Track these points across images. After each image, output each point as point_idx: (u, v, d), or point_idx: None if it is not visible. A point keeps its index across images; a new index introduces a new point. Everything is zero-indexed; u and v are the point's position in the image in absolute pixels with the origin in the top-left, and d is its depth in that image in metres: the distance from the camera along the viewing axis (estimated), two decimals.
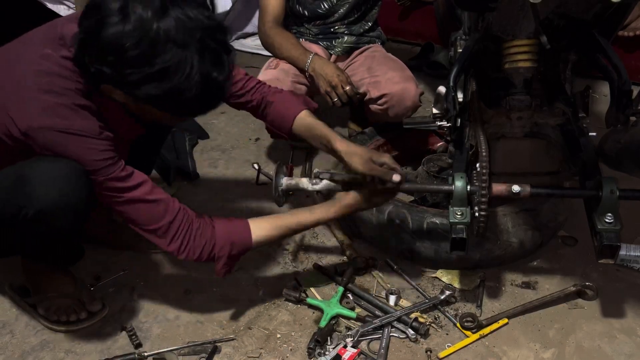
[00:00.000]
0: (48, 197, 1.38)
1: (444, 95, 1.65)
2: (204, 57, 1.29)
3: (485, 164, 1.56)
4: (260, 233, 1.56)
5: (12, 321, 1.71)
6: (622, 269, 1.86)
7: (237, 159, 2.49)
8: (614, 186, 1.52)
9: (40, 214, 1.39)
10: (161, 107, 1.37)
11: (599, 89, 2.80)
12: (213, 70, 1.31)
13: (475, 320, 1.66)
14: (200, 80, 1.30)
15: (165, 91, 1.30)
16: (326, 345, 1.60)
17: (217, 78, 1.33)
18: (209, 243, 1.51)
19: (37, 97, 1.34)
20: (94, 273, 1.85)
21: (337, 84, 2.13)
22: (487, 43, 1.68)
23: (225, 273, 1.57)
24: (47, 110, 1.34)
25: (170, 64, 1.27)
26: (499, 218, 1.85)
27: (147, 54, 1.26)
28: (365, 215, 1.93)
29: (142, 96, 1.32)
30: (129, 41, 1.25)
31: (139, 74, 1.28)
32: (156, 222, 1.46)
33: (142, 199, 1.44)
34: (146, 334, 1.67)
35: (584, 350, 1.62)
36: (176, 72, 1.28)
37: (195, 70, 1.29)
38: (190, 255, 1.51)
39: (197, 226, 1.50)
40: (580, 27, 1.62)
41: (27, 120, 1.33)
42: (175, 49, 1.27)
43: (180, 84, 1.29)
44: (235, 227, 1.56)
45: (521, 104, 1.64)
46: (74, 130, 1.35)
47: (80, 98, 1.38)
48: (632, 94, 1.58)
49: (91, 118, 1.39)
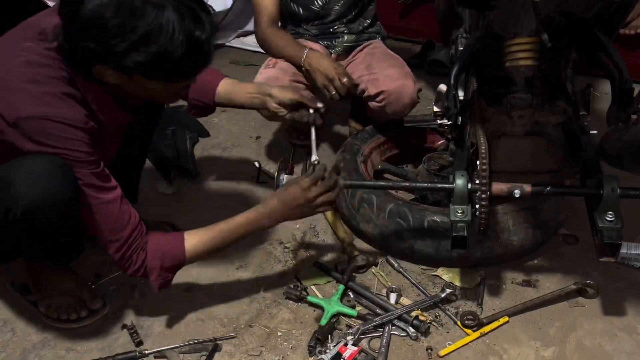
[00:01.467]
0: (33, 195, 1.37)
1: (444, 93, 1.65)
2: (183, 16, 1.31)
3: (485, 162, 1.56)
4: (193, 241, 1.55)
5: (14, 319, 1.71)
6: (622, 267, 1.86)
7: (237, 157, 2.49)
8: (615, 184, 1.52)
9: (28, 213, 1.38)
10: (152, 75, 1.38)
11: (600, 87, 2.80)
12: (195, 28, 1.33)
13: (475, 319, 1.66)
14: (185, 39, 1.32)
15: (152, 55, 1.31)
16: (327, 343, 1.60)
17: (200, 36, 1.34)
18: (146, 257, 1.52)
19: (23, 88, 1.34)
20: (95, 271, 1.85)
21: (333, 77, 2.10)
22: (488, 41, 1.68)
23: (159, 287, 1.56)
24: (34, 100, 1.34)
25: (152, 26, 1.29)
26: (499, 216, 1.85)
27: (128, 21, 1.28)
28: (365, 214, 1.93)
29: (131, 65, 1.33)
30: (108, 11, 1.27)
31: (124, 42, 1.29)
32: (118, 232, 1.48)
33: (115, 204, 1.45)
34: (147, 331, 1.67)
35: (585, 349, 1.62)
36: (159, 33, 1.29)
37: (177, 29, 1.30)
38: (130, 268, 1.52)
39: (145, 241, 1.52)
40: (582, 25, 1.61)
41: (14, 110, 1.33)
42: (154, 11, 1.29)
43: (165, 45, 1.30)
44: (167, 238, 1.56)
45: (522, 102, 1.64)
46: (60, 118, 1.35)
47: (66, 86, 1.39)
48: (633, 92, 1.58)
49: (77, 107, 1.39)
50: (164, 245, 1.54)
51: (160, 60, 1.32)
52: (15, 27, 1.48)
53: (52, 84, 1.37)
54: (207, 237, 1.57)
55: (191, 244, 1.55)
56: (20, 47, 1.39)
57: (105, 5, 1.27)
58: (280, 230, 2.02)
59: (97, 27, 1.28)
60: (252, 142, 2.58)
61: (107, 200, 1.45)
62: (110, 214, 1.46)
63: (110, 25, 1.28)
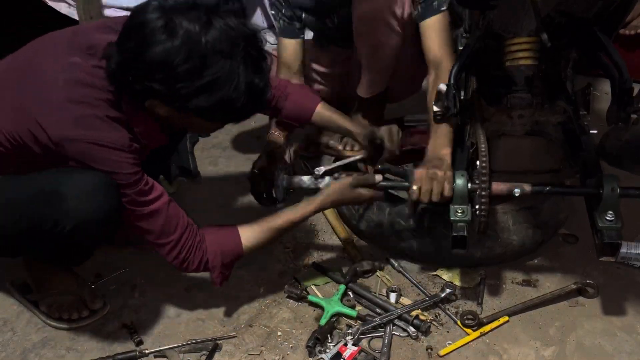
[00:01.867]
0: (84, 212, 1.39)
1: (444, 93, 1.65)
2: (247, 66, 1.32)
3: (485, 161, 1.56)
4: (250, 238, 1.59)
5: (14, 318, 1.71)
6: (622, 266, 1.86)
7: (238, 156, 2.49)
8: (615, 184, 1.52)
9: (76, 229, 1.40)
10: (209, 118, 1.40)
11: (600, 86, 2.79)
12: (255, 77, 1.35)
13: (475, 318, 1.66)
14: (246, 89, 1.33)
15: (215, 102, 1.32)
16: (327, 343, 1.60)
17: (259, 85, 1.36)
18: (205, 255, 1.55)
19: (70, 108, 1.34)
20: (95, 271, 1.85)
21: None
22: (488, 41, 1.68)
23: (221, 282, 1.60)
24: (80, 121, 1.34)
25: (219, 75, 1.30)
26: (499, 216, 1.85)
27: (196, 68, 1.28)
28: (366, 213, 1.93)
29: (192, 109, 1.34)
30: (178, 57, 1.27)
31: (190, 87, 1.30)
32: (167, 235, 1.49)
33: (160, 213, 1.47)
34: (147, 331, 1.67)
35: (585, 348, 1.62)
36: (225, 83, 1.30)
37: (242, 79, 1.31)
38: (189, 268, 1.56)
39: (199, 240, 1.54)
40: (582, 25, 1.61)
41: (60, 130, 1.34)
42: (223, 60, 1.29)
43: (229, 94, 1.32)
44: (225, 235, 1.58)
45: (522, 101, 1.64)
46: (106, 142, 1.36)
47: (112, 109, 1.39)
48: (633, 91, 1.58)
49: (122, 130, 1.40)
50: (222, 243, 1.57)
51: (222, 107, 1.34)
52: (60, 32, 1.47)
53: (100, 106, 1.37)
54: (263, 233, 1.60)
55: (246, 237, 1.58)
56: (68, 61, 1.38)
57: (175, 49, 1.27)
58: None
59: (165, 70, 1.29)
60: (253, 141, 2.58)
61: (153, 211, 1.46)
62: (156, 222, 1.48)
63: (178, 71, 1.28)
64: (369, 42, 1.96)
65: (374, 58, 2.00)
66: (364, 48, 1.99)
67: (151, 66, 1.29)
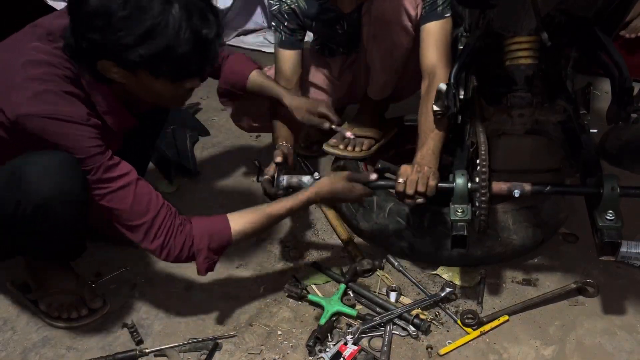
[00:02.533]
0: (44, 190, 1.38)
1: (444, 92, 1.64)
2: (190, 14, 1.32)
3: (485, 161, 1.56)
4: (238, 223, 1.54)
5: (14, 318, 1.71)
6: (622, 266, 1.86)
7: (238, 155, 2.49)
8: (615, 183, 1.52)
9: (38, 209, 1.39)
10: (157, 72, 1.38)
11: (600, 86, 2.79)
12: (202, 27, 1.34)
13: (475, 317, 1.66)
14: (191, 37, 1.32)
15: (157, 50, 1.31)
16: (327, 342, 1.60)
17: (208, 35, 1.35)
18: (188, 239, 1.49)
19: (24, 85, 1.35)
20: (95, 270, 1.85)
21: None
22: (488, 40, 1.68)
23: (206, 269, 1.54)
24: (36, 97, 1.34)
25: (158, 20, 1.30)
26: (499, 215, 1.85)
27: (134, 14, 1.28)
28: (365, 212, 1.93)
29: (136, 60, 1.33)
30: (115, 3, 1.28)
31: (130, 35, 1.30)
32: (140, 216, 1.44)
33: (128, 189, 1.43)
34: (147, 330, 1.67)
35: (585, 347, 1.62)
36: (165, 28, 1.30)
37: (184, 26, 1.31)
38: (171, 254, 1.48)
39: (179, 222, 1.49)
40: (582, 24, 1.61)
41: (16, 108, 1.34)
42: (161, 6, 1.30)
43: (171, 41, 1.31)
44: (213, 220, 1.54)
45: (522, 101, 1.64)
46: (61, 115, 1.35)
47: (68, 85, 1.39)
48: (633, 91, 1.58)
49: (79, 104, 1.39)
50: (209, 226, 1.52)
51: (166, 55, 1.33)
52: (24, 28, 1.48)
53: (54, 81, 1.37)
54: (251, 219, 1.56)
55: (237, 223, 1.54)
56: (28, 47, 1.39)
57: None
58: (281, 229, 2.02)
59: (103, 18, 1.29)
60: (252, 140, 2.58)
61: (119, 187, 1.42)
62: (125, 200, 1.43)
63: (116, 18, 1.28)
64: (383, 44, 1.94)
65: (388, 60, 1.99)
66: (378, 51, 1.98)
67: (90, 16, 1.29)
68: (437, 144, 1.73)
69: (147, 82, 1.40)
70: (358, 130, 2.17)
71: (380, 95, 2.15)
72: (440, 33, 1.84)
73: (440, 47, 1.83)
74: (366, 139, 2.16)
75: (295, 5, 1.94)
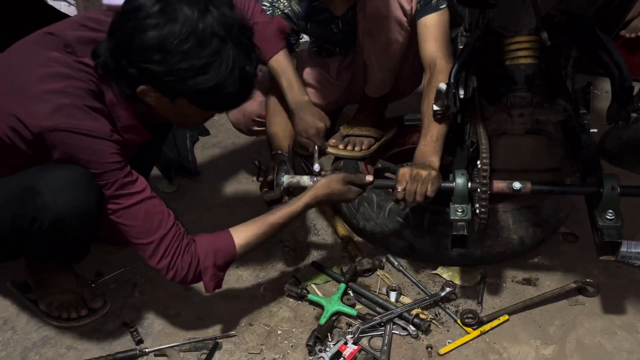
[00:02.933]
0: (61, 206, 1.38)
1: (444, 92, 1.64)
2: (240, 52, 1.35)
3: (486, 160, 1.56)
4: (242, 237, 1.54)
5: (14, 317, 1.71)
6: (622, 265, 1.86)
7: (237, 155, 2.49)
8: (615, 183, 1.52)
9: (55, 224, 1.40)
10: (200, 104, 1.40)
11: (600, 85, 2.79)
12: (246, 63, 1.37)
13: (475, 317, 1.66)
14: (239, 76, 1.35)
15: (208, 85, 1.33)
16: (327, 342, 1.60)
17: (250, 72, 1.38)
18: (194, 258, 1.49)
19: (47, 98, 1.34)
20: (95, 270, 1.85)
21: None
22: (488, 39, 1.68)
23: (214, 287, 1.54)
24: (58, 111, 1.33)
25: (216, 56, 1.32)
26: (499, 215, 1.85)
27: (193, 49, 1.30)
28: (366, 212, 1.93)
29: (188, 91, 1.35)
30: (177, 38, 1.29)
31: (188, 67, 1.31)
32: (148, 234, 1.45)
33: (139, 207, 1.43)
34: (147, 330, 1.67)
35: (585, 347, 1.62)
36: (221, 65, 1.33)
37: (235, 65, 1.34)
38: (177, 275, 1.48)
39: (187, 243, 1.49)
40: (582, 24, 1.61)
41: (38, 120, 1.33)
42: (220, 43, 1.32)
43: (222, 78, 1.34)
44: (216, 236, 1.54)
45: (522, 100, 1.64)
46: (83, 130, 1.35)
47: (91, 100, 1.39)
48: (633, 90, 1.58)
49: (101, 119, 1.39)
50: (213, 242, 1.52)
51: (214, 91, 1.35)
52: (33, 35, 1.46)
53: (77, 95, 1.36)
54: (253, 229, 1.57)
55: (240, 237, 1.54)
56: (45, 57, 1.38)
57: (174, 32, 1.29)
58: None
59: (162, 52, 1.30)
60: (252, 140, 2.58)
61: (133, 203, 1.43)
62: (136, 216, 1.43)
63: (177, 51, 1.30)
64: (380, 41, 1.95)
65: (384, 56, 1.99)
66: (374, 47, 1.98)
67: (148, 48, 1.30)
68: (440, 130, 1.73)
69: (182, 108, 1.41)
70: (357, 129, 2.17)
71: (379, 93, 2.15)
72: (437, 25, 1.84)
73: (439, 39, 1.84)
74: (366, 138, 2.16)
75: (288, 9, 1.94)
